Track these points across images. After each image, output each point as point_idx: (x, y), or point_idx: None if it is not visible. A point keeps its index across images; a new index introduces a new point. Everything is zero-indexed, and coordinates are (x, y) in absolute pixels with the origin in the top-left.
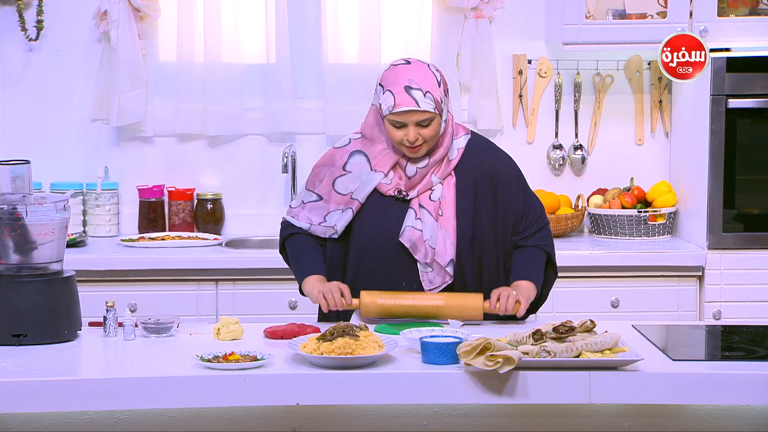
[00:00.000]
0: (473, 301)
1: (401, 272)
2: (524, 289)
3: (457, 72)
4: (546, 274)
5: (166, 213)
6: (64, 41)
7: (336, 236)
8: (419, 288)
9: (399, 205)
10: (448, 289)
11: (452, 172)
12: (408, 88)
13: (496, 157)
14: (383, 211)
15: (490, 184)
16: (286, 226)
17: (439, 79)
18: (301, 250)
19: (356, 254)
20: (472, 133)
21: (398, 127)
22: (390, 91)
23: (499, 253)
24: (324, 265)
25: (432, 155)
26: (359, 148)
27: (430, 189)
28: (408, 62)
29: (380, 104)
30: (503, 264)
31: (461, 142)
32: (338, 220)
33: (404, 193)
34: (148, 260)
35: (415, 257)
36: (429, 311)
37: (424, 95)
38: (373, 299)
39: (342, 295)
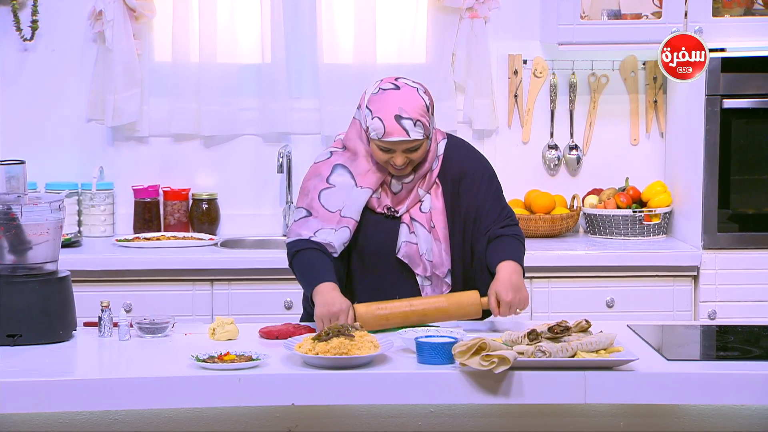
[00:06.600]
0: (470, 298)
1: (401, 285)
2: (514, 273)
3: (453, 72)
4: None
5: (161, 213)
6: (59, 41)
7: (336, 255)
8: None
9: (390, 220)
10: None
11: (437, 181)
12: (398, 118)
13: (468, 157)
14: (377, 227)
15: (461, 184)
16: (292, 245)
17: (427, 104)
18: (311, 261)
19: (357, 270)
20: (449, 135)
21: (385, 151)
22: (379, 118)
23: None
24: (335, 274)
25: (417, 171)
26: (342, 162)
27: (420, 201)
28: (397, 87)
29: (367, 127)
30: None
31: (440, 148)
32: (334, 240)
33: (393, 210)
34: (143, 260)
35: (415, 272)
36: (428, 314)
37: (415, 124)
38: (370, 311)
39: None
